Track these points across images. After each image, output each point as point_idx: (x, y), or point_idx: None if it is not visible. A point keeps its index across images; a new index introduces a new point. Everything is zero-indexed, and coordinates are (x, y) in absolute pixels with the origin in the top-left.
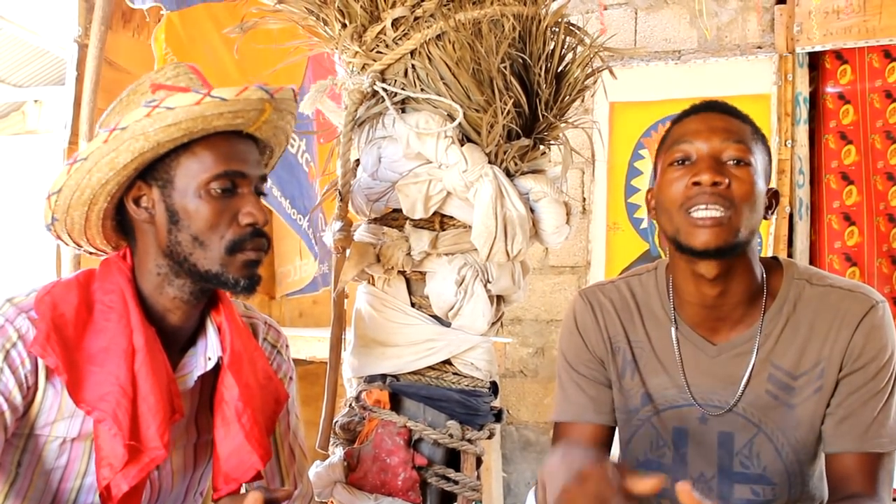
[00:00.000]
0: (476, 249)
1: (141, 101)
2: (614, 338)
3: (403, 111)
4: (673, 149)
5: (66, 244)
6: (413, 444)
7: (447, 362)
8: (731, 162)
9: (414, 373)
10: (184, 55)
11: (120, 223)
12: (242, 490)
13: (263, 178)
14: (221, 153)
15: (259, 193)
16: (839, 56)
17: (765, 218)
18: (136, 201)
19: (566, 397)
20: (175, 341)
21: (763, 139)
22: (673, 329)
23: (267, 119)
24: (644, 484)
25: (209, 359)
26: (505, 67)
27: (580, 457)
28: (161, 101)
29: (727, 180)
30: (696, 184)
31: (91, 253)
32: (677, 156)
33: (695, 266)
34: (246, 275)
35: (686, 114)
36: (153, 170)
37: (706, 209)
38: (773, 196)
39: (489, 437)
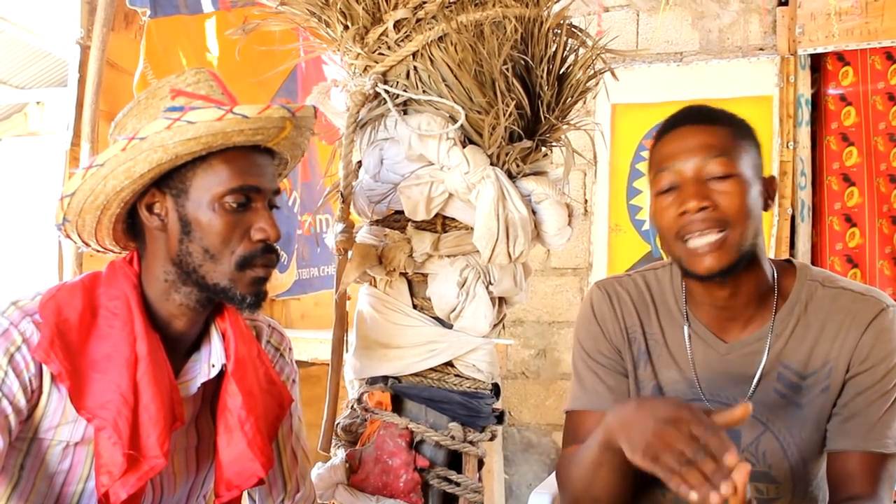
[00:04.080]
0: (478, 251)
1: (160, 106)
2: (630, 327)
3: (405, 113)
4: (657, 177)
5: (75, 243)
6: (415, 445)
7: (449, 364)
8: (716, 178)
9: (416, 374)
10: (157, 66)
11: (130, 226)
12: (244, 496)
13: (277, 192)
14: (238, 167)
15: (272, 206)
16: (841, 58)
17: (765, 209)
18: (149, 208)
19: (583, 386)
20: (179, 347)
21: (747, 133)
22: (685, 326)
23: (286, 136)
24: (731, 414)
25: (213, 366)
26: (507, 69)
27: (661, 403)
28: (182, 115)
29: (714, 202)
30: (685, 212)
31: (98, 251)
32: (662, 185)
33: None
34: (253, 291)
35: (665, 130)
36: (168, 178)
37: (700, 236)
38: (770, 184)
39: (491, 439)
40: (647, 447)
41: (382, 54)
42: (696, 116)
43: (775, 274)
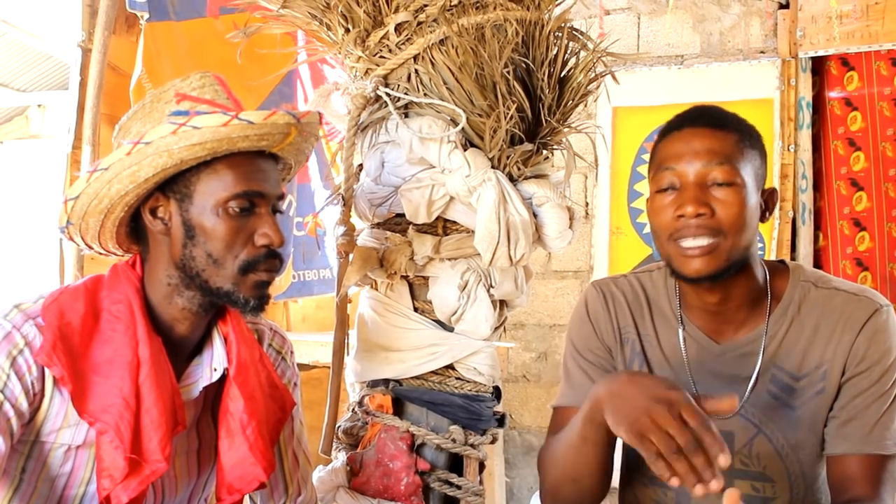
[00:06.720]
0: (479, 254)
1: (165, 110)
2: (624, 328)
3: (406, 116)
4: (658, 175)
5: (78, 245)
6: (416, 448)
7: (450, 367)
8: (717, 185)
9: (417, 377)
10: (152, 72)
11: (134, 230)
12: (245, 500)
13: (281, 197)
14: (242, 172)
15: (276, 211)
16: (845, 62)
17: (762, 220)
18: (153, 212)
19: (570, 384)
20: (181, 350)
21: (754, 141)
22: (680, 329)
23: (291, 142)
24: (719, 403)
25: (215, 370)
26: (508, 72)
27: (653, 381)
28: (188, 120)
29: (711, 209)
30: (681, 216)
31: (100, 254)
32: (662, 184)
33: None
34: (256, 295)
35: (670, 128)
36: (172, 182)
37: (693, 240)
38: (770, 196)
39: (492, 442)
40: (634, 423)
41: (383, 57)
42: (704, 118)
43: (768, 276)
